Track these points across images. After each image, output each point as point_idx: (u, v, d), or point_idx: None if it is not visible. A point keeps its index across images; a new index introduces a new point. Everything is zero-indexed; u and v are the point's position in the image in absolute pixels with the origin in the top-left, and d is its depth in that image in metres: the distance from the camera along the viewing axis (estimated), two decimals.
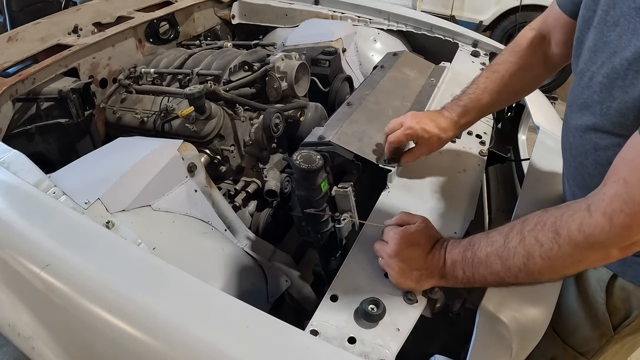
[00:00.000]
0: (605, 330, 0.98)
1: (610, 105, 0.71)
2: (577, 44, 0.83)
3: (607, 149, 0.76)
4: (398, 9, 2.20)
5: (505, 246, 0.72)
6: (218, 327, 0.77)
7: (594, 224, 0.63)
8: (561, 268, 0.70)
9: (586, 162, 0.83)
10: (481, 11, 4.37)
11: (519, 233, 0.71)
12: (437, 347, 0.93)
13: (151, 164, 1.15)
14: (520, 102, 1.74)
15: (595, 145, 0.79)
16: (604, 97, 0.73)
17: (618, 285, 0.92)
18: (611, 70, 0.70)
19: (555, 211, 0.69)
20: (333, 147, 1.08)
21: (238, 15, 2.37)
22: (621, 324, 0.96)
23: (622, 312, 0.95)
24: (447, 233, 0.90)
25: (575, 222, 0.65)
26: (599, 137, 0.77)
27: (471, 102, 1.07)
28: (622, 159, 0.63)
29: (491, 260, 0.73)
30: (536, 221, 0.70)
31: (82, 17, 1.83)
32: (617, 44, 0.69)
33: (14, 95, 1.44)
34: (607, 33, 0.72)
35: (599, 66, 0.74)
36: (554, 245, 0.67)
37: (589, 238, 0.64)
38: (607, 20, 0.72)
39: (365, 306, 0.78)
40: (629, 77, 0.67)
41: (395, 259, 0.82)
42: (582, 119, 0.81)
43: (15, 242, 0.91)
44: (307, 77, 1.65)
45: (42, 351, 0.84)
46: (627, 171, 0.61)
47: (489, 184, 1.72)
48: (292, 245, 1.57)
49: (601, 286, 0.94)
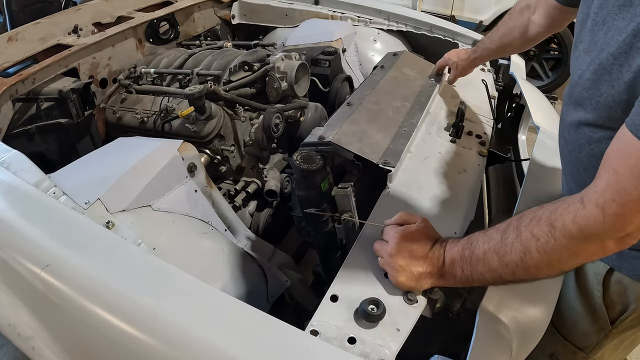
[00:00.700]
0: (603, 324, 0.99)
1: (599, 100, 0.73)
2: (575, 46, 0.86)
3: (600, 141, 0.78)
4: (398, 9, 2.20)
5: (502, 242, 0.72)
6: (218, 327, 0.77)
7: (588, 215, 0.64)
8: (558, 262, 0.70)
9: (581, 157, 0.85)
10: (481, 11, 4.37)
11: (515, 229, 0.72)
12: (437, 347, 0.93)
13: (151, 164, 1.15)
14: (520, 102, 1.74)
15: (588, 139, 0.81)
16: (592, 93, 0.75)
17: (614, 279, 0.93)
18: (598, 67, 0.72)
19: (550, 206, 0.70)
20: (333, 147, 1.08)
21: (238, 15, 2.37)
22: (618, 318, 0.97)
23: (619, 306, 0.96)
24: (447, 233, 0.90)
25: (570, 214, 0.66)
26: (592, 131, 0.79)
27: (483, 51, 1.41)
28: (612, 150, 0.64)
29: (489, 257, 0.74)
30: (532, 216, 0.71)
31: (82, 17, 1.83)
32: (604, 41, 0.72)
33: (14, 95, 1.44)
34: (596, 32, 0.75)
35: (588, 64, 0.76)
36: (550, 238, 0.67)
37: (583, 229, 0.65)
38: (597, 21, 0.75)
39: (365, 306, 0.78)
40: (614, 72, 0.69)
41: (395, 259, 0.82)
42: (575, 115, 0.83)
43: (15, 242, 0.91)
44: (307, 77, 1.65)
45: (42, 351, 0.84)
46: (616, 161, 0.62)
47: (489, 184, 1.72)
48: (292, 245, 1.57)
49: (598, 279, 0.95)
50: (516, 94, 1.75)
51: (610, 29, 0.71)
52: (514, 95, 1.77)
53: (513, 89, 1.75)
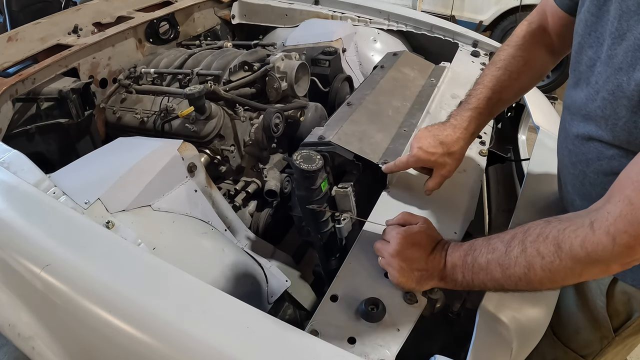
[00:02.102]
0: (606, 332, 0.98)
1: (616, 123, 0.70)
2: (578, 49, 0.81)
3: (612, 158, 0.75)
4: (398, 9, 2.20)
5: (507, 255, 0.71)
6: (218, 327, 0.77)
7: (597, 242, 0.62)
8: (561, 280, 0.69)
9: (587, 171, 0.81)
10: (481, 11, 4.38)
11: (520, 243, 0.70)
12: (437, 347, 0.93)
13: (151, 164, 1.15)
14: (520, 102, 1.74)
15: (598, 155, 0.77)
16: (609, 114, 0.71)
17: (619, 289, 0.92)
18: (617, 88, 0.68)
19: (558, 224, 0.68)
20: (333, 147, 1.08)
21: (238, 15, 2.37)
22: (622, 326, 0.96)
23: (624, 315, 0.94)
24: (447, 233, 0.90)
25: (578, 238, 0.64)
26: (604, 147, 0.76)
27: (480, 102, 1.01)
28: (629, 177, 0.62)
29: (491, 268, 0.73)
30: (538, 232, 0.69)
31: (82, 17, 1.83)
32: (623, 60, 0.67)
33: (14, 95, 1.44)
34: (614, 47, 0.70)
35: (604, 80, 0.72)
36: (556, 258, 0.66)
37: (591, 255, 0.63)
38: (613, 32, 0.70)
39: (365, 306, 0.78)
40: (635, 98, 0.65)
41: (397, 259, 0.82)
42: (585, 129, 0.79)
43: (15, 242, 0.91)
44: (307, 77, 1.65)
45: (42, 351, 0.84)
46: (633, 191, 0.60)
47: (489, 184, 1.72)
48: (292, 245, 1.57)
49: (601, 290, 0.93)
50: None
51: (629, 48, 0.66)
52: None
53: None
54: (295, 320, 1.27)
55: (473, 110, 1.02)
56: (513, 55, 1.01)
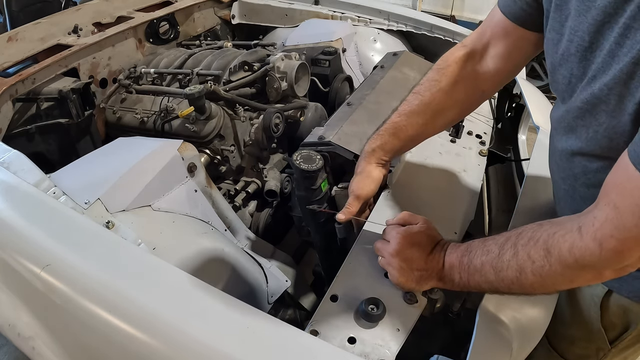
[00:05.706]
0: (601, 344, 0.97)
1: (597, 130, 0.69)
2: (552, 69, 0.79)
3: (598, 171, 0.74)
4: (398, 9, 2.20)
5: (500, 258, 0.71)
6: (218, 327, 0.77)
7: (584, 247, 0.62)
8: (552, 285, 0.70)
9: (577, 185, 0.81)
10: (481, 11, 4.38)
11: (513, 246, 0.70)
12: (437, 347, 0.93)
13: (151, 164, 1.15)
14: (520, 102, 1.74)
15: (584, 169, 0.78)
16: (588, 122, 0.71)
17: (614, 301, 0.91)
18: (590, 96, 0.68)
19: (549, 227, 0.68)
20: (333, 147, 1.08)
21: (238, 15, 2.37)
22: (618, 338, 0.95)
23: (620, 328, 0.94)
24: (447, 233, 0.90)
25: (567, 243, 0.64)
26: (588, 161, 0.76)
27: (390, 128, 0.98)
28: (613, 182, 0.62)
29: (486, 270, 0.73)
30: (530, 236, 0.69)
31: (82, 17, 1.83)
32: (597, 68, 0.67)
33: (14, 95, 1.44)
34: (587, 58, 0.69)
35: (578, 92, 0.72)
36: (545, 263, 0.66)
37: (579, 260, 0.63)
38: (584, 46, 0.69)
39: (365, 306, 0.78)
40: (611, 102, 0.65)
41: (397, 258, 0.82)
42: (567, 143, 0.79)
43: (15, 242, 0.91)
44: (307, 77, 1.65)
45: (42, 351, 0.84)
46: (617, 196, 0.60)
47: (489, 184, 1.72)
48: (292, 245, 1.57)
49: (595, 302, 0.93)
50: (516, 93, 1.75)
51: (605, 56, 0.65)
52: (514, 95, 1.77)
53: (513, 88, 1.75)
54: (295, 320, 1.27)
55: (381, 138, 0.99)
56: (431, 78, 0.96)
